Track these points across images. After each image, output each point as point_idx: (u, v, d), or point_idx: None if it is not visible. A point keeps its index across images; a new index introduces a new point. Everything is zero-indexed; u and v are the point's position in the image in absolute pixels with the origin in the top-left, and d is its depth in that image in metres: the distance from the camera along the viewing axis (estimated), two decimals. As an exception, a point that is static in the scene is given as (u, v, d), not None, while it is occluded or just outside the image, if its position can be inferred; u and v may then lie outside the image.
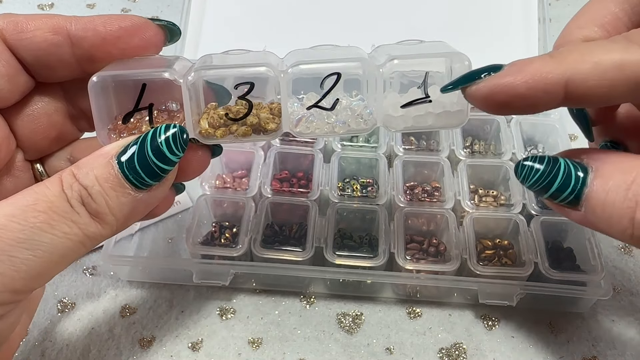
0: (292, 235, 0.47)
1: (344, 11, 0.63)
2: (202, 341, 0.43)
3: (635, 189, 0.25)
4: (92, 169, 0.27)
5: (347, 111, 0.31)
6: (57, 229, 0.26)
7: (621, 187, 0.25)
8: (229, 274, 0.44)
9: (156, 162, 0.27)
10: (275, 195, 0.48)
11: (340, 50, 0.33)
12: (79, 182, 0.26)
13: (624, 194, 0.25)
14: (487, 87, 0.27)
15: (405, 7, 0.62)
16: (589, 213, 0.27)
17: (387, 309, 0.45)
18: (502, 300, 0.43)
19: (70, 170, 0.27)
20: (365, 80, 0.31)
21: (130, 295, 0.46)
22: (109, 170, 0.27)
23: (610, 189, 0.26)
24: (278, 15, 0.63)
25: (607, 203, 0.26)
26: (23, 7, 0.68)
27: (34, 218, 0.25)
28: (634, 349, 0.43)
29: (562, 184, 0.27)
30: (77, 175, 0.27)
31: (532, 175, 0.28)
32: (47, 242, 0.25)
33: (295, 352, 0.43)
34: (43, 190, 0.26)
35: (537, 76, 0.26)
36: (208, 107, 0.30)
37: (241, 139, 0.31)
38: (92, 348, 0.43)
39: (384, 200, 0.48)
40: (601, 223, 0.27)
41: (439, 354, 0.43)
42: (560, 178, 0.27)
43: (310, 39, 0.61)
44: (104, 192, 0.27)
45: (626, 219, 0.25)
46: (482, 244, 0.47)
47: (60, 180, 0.26)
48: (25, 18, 0.29)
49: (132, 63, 0.31)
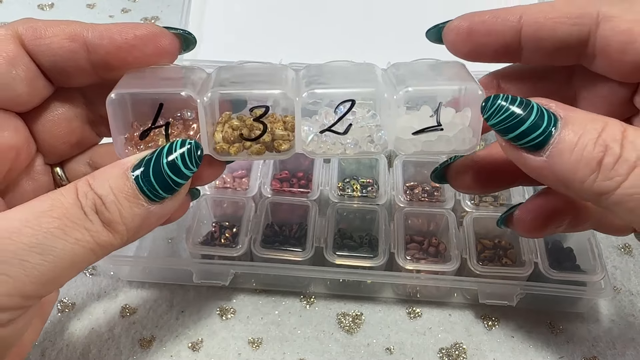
0: (292, 235, 0.47)
1: (343, 11, 0.63)
2: (202, 341, 0.43)
3: (605, 135, 0.26)
4: (107, 180, 0.27)
5: (359, 132, 0.31)
6: (70, 235, 0.26)
7: (593, 132, 0.26)
8: (229, 274, 0.44)
9: (171, 176, 0.28)
10: (275, 195, 0.48)
11: (355, 69, 0.33)
12: (94, 191, 0.27)
13: (595, 139, 0.26)
14: (456, 20, 0.32)
15: (405, 7, 0.62)
16: (555, 157, 0.27)
17: (387, 309, 0.45)
18: (502, 300, 0.43)
19: (85, 179, 0.27)
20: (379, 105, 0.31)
21: (130, 295, 0.46)
22: (124, 182, 0.27)
23: (583, 133, 0.26)
24: (278, 15, 0.63)
25: (578, 146, 0.26)
26: (23, 7, 0.68)
27: (48, 224, 0.25)
28: (634, 349, 0.43)
29: (534, 124, 0.27)
30: (92, 184, 0.27)
31: (503, 111, 0.28)
32: (60, 247, 0.26)
33: (295, 352, 0.43)
34: (58, 197, 0.26)
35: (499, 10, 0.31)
36: (222, 116, 0.31)
37: (254, 157, 0.31)
38: (92, 348, 0.43)
39: (384, 200, 0.48)
40: (565, 168, 0.27)
41: (439, 354, 0.43)
42: (533, 118, 0.27)
43: (310, 39, 0.61)
44: (118, 202, 0.27)
45: (594, 162, 0.26)
46: (482, 244, 0.47)
47: (76, 189, 0.27)
48: (43, 24, 0.30)
49: (149, 75, 0.31)
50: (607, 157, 0.26)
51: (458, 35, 0.32)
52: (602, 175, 0.26)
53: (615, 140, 0.26)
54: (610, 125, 0.26)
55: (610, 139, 0.26)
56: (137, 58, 0.31)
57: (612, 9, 0.29)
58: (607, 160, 0.26)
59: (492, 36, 0.31)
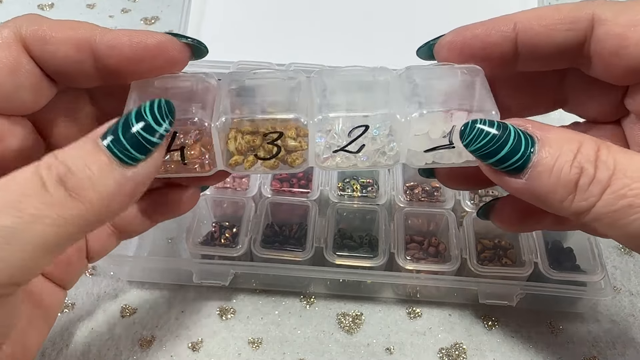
0: (292, 235, 0.47)
1: (344, 11, 0.63)
2: (202, 341, 0.43)
3: (580, 157, 0.27)
4: (75, 148, 0.25)
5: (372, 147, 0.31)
6: (24, 212, 0.23)
7: (569, 154, 0.27)
8: (229, 274, 0.44)
9: (142, 134, 0.26)
10: (275, 195, 0.48)
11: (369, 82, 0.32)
12: (58, 161, 0.25)
13: (571, 161, 0.27)
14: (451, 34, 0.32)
15: (404, 5, 0.62)
16: (534, 180, 0.28)
17: (387, 309, 0.45)
18: (502, 300, 0.43)
19: (53, 153, 0.25)
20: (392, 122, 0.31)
21: (130, 295, 0.46)
22: (93, 146, 0.25)
23: (560, 156, 0.27)
24: (278, 15, 0.63)
25: (555, 169, 0.27)
26: (22, 7, 0.68)
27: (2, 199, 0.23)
28: (634, 349, 0.43)
29: (513, 148, 0.28)
30: (57, 154, 0.25)
31: (481, 138, 0.28)
32: (12, 226, 0.23)
33: (295, 352, 0.43)
34: (15, 173, 0.24)
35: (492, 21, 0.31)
36: (235, 121, 0.30)
37: (268, 171, 0.31)
38: (92, 348, 0.43)
39: (384, 200, 0.48)
40: (544, 190, 0.28)
41: (439, 354, 0.43)
42: (511, 142, 0.28)
43: (310, 39, 0.61)
44: (87, 167, 0.25)
45: (571, 184, 0.27)
46: (482, 244, 0.47)
47: (38, 164, 0.25)
48: (49, 27, 0.29)
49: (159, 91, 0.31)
50: (582, 178, 0.27)
51: (451, 51, 0.32)
52: (579, 196, 0.27)
53: (589, 161, 0.27)
54: (585, 146, 0.27)
55: (585, 160, 0.27)
56: (146, 70, 0.30)
57: (606, 12, 0.29)
58: (582, 181, 0.27)
59: (486, 50, 0.31)
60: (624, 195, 0.26)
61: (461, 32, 0.31)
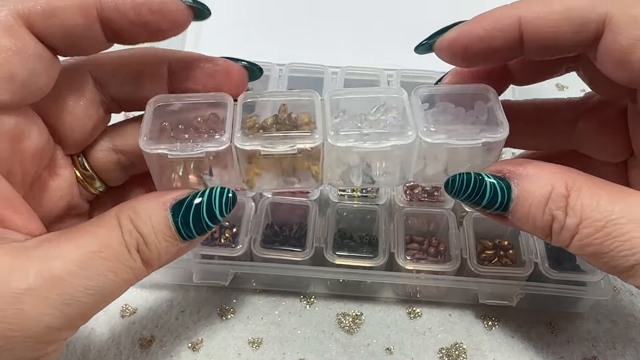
0: (292, 235, 0.47)
1: (345, 11, 0.63)
2: (202, 341, 0.43)
3: (550, 205, 0.29)
4: (149, 218, 0.28)
5: None
6: (119, 277, 0.27)
7: (540, 202, 0.29)
8: (229, 274, 0.44)
9: (207, 222, 0.30)
10: (275, 195, 0.48)
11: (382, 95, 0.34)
12: (137, 230, 0.28)
13: (543, 209, 0.29)
14: (451, 35, 0.31)
15: (405, 8, 0.62)
16: (516, 221, 0.31)
17: (387, 309, 0.45)
18: (502, 300, 0.43)
19: (128, 215, 0.28)
20: None
21: (130, 295, 0.46)
22: (164, 223, 0.29)
23: (532, 205, 0.29)
24: (278, 15, 0.63)
25: (530, 216, 0.30)
26: (23, 7, 0.68)
27: (101, 266, 0.27)
28: (634, 349, 0.43)
29: (491, 199, 0.30)
30: (134, 221, 0.28)
31: (463, 191, 0.31)
32: (110, 287, 0.27)
33: (295, 352, 0.43)
34: (105, 235, 0.27)
35: (493, 18, 0.30)
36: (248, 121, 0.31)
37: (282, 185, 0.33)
38: (92, 348, 0.43)
39: (384, 200, 0.48)
40: (527, 229, 0.31)
41: (439, 354, 0.43)
42: (489, 194, 0.30)
43: (311, 39, 0.61)
44: (158, 242, 0.29)
45: (546, 229, 0.30)
46: (482, 244, 0.47)
47: (120, 226, 0.28)
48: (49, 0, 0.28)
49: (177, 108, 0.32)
50: (554, 224, 0.29)
51: (453, 53, 0.31)
52: (554, 239, 0.30)
53: (559, 207, 0.29)
54: (555, 191, 0.29)
55: (555, 207, 0.29)
56: (152, 31, 0.30)
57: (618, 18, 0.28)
58: (554, 227, 0.29)
59: (490, 50, 0.30)
60: (590, 244, 0.28)
61: (463, 32, 0.31)
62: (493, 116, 0.32)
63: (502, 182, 0.30)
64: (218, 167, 0.32)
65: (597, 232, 0.28)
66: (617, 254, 0.28)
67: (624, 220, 0.28)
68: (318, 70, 0.56)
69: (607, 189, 0.29)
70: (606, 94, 0.34)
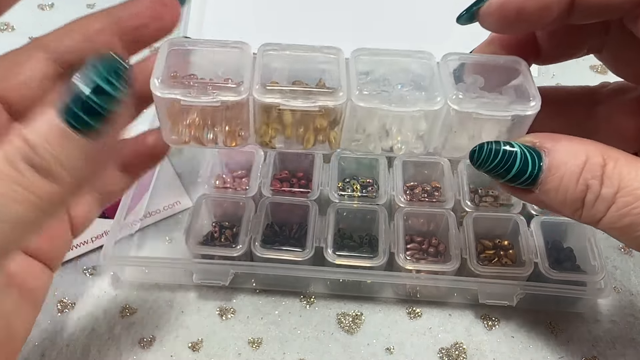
0: (292, 235, 0.47)
1: (346, 10, 0.63)
2: (202, 341, 0.43)
3: (585, 174, 0.28)
4: (36, 123, 0.24)
5: None
6: (11, 198, 0.23)
7: (574, 172, 0.28)
8: (229, 274, 0.44)
9: (94, 100, 0.24)
10: (275, 195, 0.48)
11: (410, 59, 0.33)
12: (17, 138, 0.24)
13: (577, 179, 0.28)
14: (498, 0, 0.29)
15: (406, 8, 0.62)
16: (543, 195, 0.29)
17: (387, 309, 0.45)
18: (502, 300, 0.43)
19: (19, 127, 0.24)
20: None
21: (130, 295, 0.46)
22: (49, 119, 0.24)
23: (565, 175, 0.28)
24: (278, 15, 0.63)
25: (561, 188, 0.28)
26: (23, 7, 0.68)
27: None
28: (634, 349, 0.43)
29: (520, 169, 0.29)
30: (21, 131, 0.24)
31: (490, 161, 0.29)
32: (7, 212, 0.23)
33: (295, 352, 0.43)
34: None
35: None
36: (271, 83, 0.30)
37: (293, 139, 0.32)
38: (92, 348, 0.43)
39: (384, 200, 0.48)
40: (554, 203, 0.29)
41: (439, 354, 0.43)
42: (519, 164, 0.29)
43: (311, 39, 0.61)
44: (49, 144, 0.24)
45: (578, 201, 0.28)
46: (482, 244, 0.47)
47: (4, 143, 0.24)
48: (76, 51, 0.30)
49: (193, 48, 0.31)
50: (588, 194, 0.28)
51: (504, 15, 0.29)
52: (586, 212, 0.28)
53: (595, 177, 0.27)
54: (591, 160, 0.28)
55: (591, 176, 0.28)
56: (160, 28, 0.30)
57: None
58: (588, 198, 0.28)
59: (544, 9, 0.29)
60: (627, 214, 0.27)
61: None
62: (525, 89, 0.30)
63: (532, 151, 0.29)
64: (232, 118, 0.30)
65: (637, 201, 0.27)
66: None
67: None
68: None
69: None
70: (628, 75, 0.33)
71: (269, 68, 0.31)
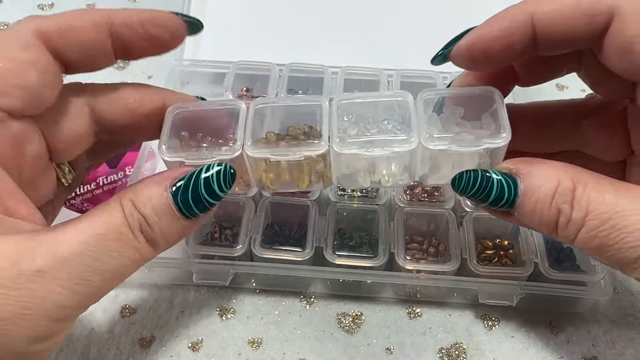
0: (292, 235, 0.47)
1: (345, 11, 0.63)
2: (202, 341, 0.43)
3: (557, 199, 0.30)
4: (149, 199, 0.29)
5: None
6: (124, 255, 0.29)
7: (547, 197, 0.30)
8: (229, 274, 0.44)
9: (207, 198, 0.30)
10: (275, 195, 0.48)
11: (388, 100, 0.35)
12: (138, 212, 0.29)
13: (549, 203, 0.30)
14: (467, 41, 0.31)
15: (406, 8, 0.62)
16: (521, 217, 0.31)
17: (387, 309, 0.45)
18: (502, 300, 0.43)
19: (129, 198, 0.29)
20: None
21: (130, 295, 0.46)
22: (165, 203, 0.30)
23: (538, 200, 0.30)
24: (278, 15, 0.63)
25: (536, 211, 0.30)
26: (23, 7, 0.68)
27: (106, 246, 0.28)
28: (634, 349, 0.43)
29: (498, 195, 0.31)
30: (136, 203, 0.29)
31: (470, 187, 0.32)
32: (115, 266, 0.28)
33: (295, 352, 0.43)
34: (109, 217, 0.29)
35: (508, 17, 0.30)
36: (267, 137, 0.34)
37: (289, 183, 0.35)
38: (92, 348, 0.43)
39: (384, 200, 0.48)
40: (532, 225, 0.31)
41: (439, 354, 0.43)
42: (496, 190, 0.31)
43: (311, 39, 0.61)
44: (160, 221, 0.30)
45: (552, 223, 0.30)
46: (482, 244, 0.47)
47: (122, 208, 0.29)
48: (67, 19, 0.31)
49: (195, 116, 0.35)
50: (561, 218, 0.30)
51: (471, 57, 0.32)
52: (560, 233, 0.30)
53: (566, 201, 0.29)
54: (562, 185, 0.30)
55: (562, 201, 0.30)
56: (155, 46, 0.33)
57: (626, 10, 0.28)
58: (561, 221, 0.30)
59: (508, 49, 0.31)
60: (596, 236, 0.29)
61: (480, 35, 0.31)
62: (497, 120, 0.32)
63: (508, 178, 0.31)
64: None
65: (603, 224, 0.29)
66: (622, 245, 0.28)
67: (628, 212, 0.28)
68: (318, 70, 0.56)
69: (612, 184, 0.30)
70: (607, 93, 0.35)
71: (262, 119, 0.35)
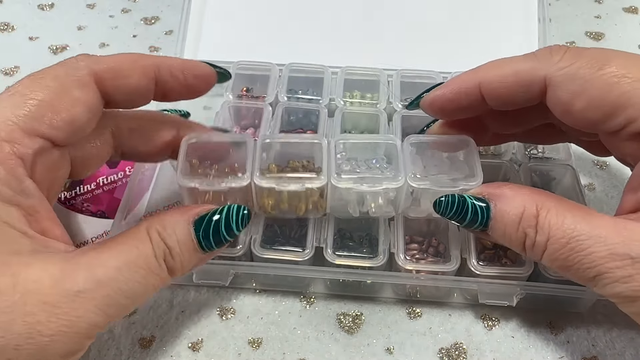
0: (292, 235, 0.47)
1: (344, 12, 0.63)
2: (202, 341, 0.43)
3: (523, 223, 0.34)
4: (174, 232, 0.33)
5: None
6: (149, 283, 0.32)
7: (514, 221, 0.34)
8: (229, 274, 0.44)
9: (225, 236, 0.34)
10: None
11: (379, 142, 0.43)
12: (164, 242, 0.32)
13: (516, 227, 0.34)
14: (429, 98, 0.39)
15: (405, 8, 0.62)
16: (495, 237, 0.36)
17: (387, 309, 0.45)
18: (502, 300, 0.43)
19: (156, 229, 0.32)
20: None
21: (130, 295, 0.46)
22: (188, 237, 0.33)
23: (507, 224, 0.35)
24: (278, 15, 0.63)
25: (506, 233, 0.35)
26: (23, 7, 0.68)
27: (137, 273, 0.31)
28: (634, 349, 0.43)
29: (472, 218, 0.36)
30: (162, 234, 0.32)
31: (448, 211, 0.37)
32: (140, 290, 0.31)
33: (295, 352, 0.43)
34: (140, 246, 0.32)
35: (458, 84, 0.37)
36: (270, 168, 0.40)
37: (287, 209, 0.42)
38: (92, 348, 0.43)
39: (384, 200, 0.48)
40: (505, 244, 0.36)
41: (439, 354, 0.43)
42: (471, 213, 0.36)
43: (311, 39, 0.61)
44: (182, 253, 0.33)
45: (520, 245, 0.35)
46: (482, 244, 0.46)
47: (150, 239, 0.32)
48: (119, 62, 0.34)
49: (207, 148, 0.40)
50: (527, 241, 0.34)
51: (433, 111, 0.40)
52: (527, 253, 0.35)
53: (530, 226, 0.34)
54: (527, 211, 0.34)
55: (527, 226, 0.34)
56: (189, 93, 0.38)
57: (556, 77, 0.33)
58: (527, 243, 0.34)
59: (461, 108, 0.38)
60: (557, 258, 0.33)
61: (437, 95, 0.38)
62: (471, 165, 0.40)
63: (482, 202, 0.36)
64: (238, 195, 0.39)
65: (562, 248, 0.32)
66: (580, 266, 0.32)
67: (584, 237, 0.31)
68: (318, 70, 0.56)
69: (572, 209, 0.33)
70: None
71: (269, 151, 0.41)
